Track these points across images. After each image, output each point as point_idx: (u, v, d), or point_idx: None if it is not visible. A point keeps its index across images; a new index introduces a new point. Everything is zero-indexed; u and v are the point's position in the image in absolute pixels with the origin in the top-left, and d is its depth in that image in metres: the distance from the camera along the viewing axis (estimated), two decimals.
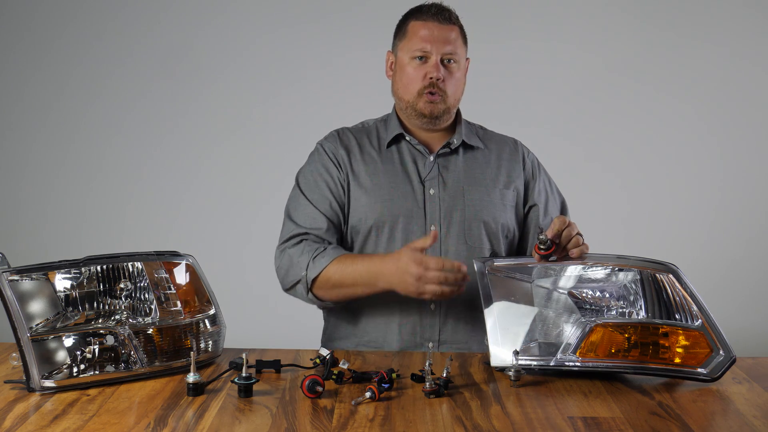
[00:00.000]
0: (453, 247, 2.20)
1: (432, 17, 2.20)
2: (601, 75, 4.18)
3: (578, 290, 1.95)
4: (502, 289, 1.95)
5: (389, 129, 2.28)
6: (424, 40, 2.19)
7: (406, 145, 2.27)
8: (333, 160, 2.25)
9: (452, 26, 2.21)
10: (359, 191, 2.22)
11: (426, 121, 2.23)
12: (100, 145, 4.21)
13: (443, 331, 2.21)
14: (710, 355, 1.86)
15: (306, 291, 2.16)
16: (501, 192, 2.26)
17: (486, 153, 2.30)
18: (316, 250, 2.14)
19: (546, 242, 1.93)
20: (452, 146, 2.26)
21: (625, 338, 1.88)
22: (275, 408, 1.71)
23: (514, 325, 1.93)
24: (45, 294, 1.83)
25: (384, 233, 2.20)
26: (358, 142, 2.28)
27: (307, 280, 2.14)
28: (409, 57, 2.20)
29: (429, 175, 2.23)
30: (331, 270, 2.12)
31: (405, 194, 2.21)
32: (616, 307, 1.92)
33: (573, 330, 1.91)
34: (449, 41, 2.19)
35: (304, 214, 2.22)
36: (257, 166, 4.18)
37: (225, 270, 3.61)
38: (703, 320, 1.86)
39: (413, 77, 2.20)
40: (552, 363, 1.90)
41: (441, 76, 2.18)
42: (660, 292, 1.89)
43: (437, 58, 2.18)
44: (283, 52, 4.18)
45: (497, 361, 1.91)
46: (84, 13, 4.17)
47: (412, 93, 2.21)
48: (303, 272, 2.14)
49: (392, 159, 2.25)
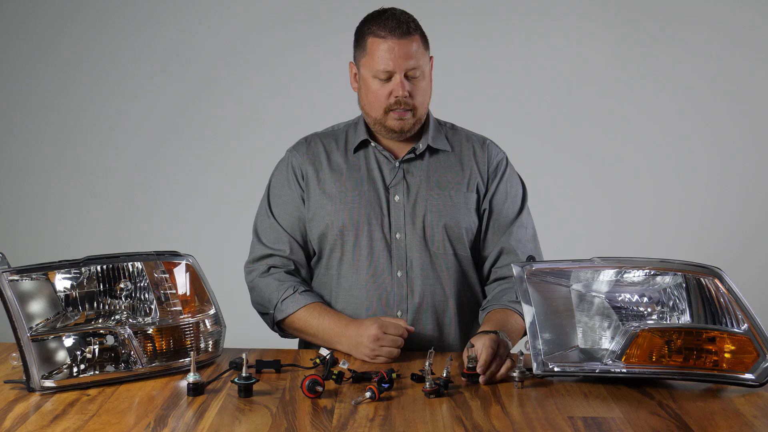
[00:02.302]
0: (417, 253, 2.18)
1: (390, 33, 2.11)
2: (600, 72, 4.17)
3: (616, 295, 1.92)
4: (540, 293, 1.92)
5: (357, 135, 2.25)
6: (385, 59, 2.11)
7: (372, 150, 2.24)
8: (298, 174, 2.25)
9: (412, 38, 2.12)
10: (324, 199, 2.21)
11: (396, 136, 2.20)
12: (100, 145, 4.21)
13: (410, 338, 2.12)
14: (757, 360, 1.83)
15: (271, 325, 2.22)
16: (465, 195, 2.22)
17: (451, 156, 2.25)
18: (285, 291, 2.16)
19: (474, 360, 1.86)
20: (417, 151, 2.22)
21: (665, 343, 1.85)
22: (275, 408, 1.71)
23: (553, 330, 1.91)
24: (45, 294, 1.83)
25: (349, 240, 2.18)
26: (326, 149, 2.26)
27: (273, 318, 2.18)
28: (371, 75, 2.16)
29: (393, 181, 2.21)
30: (298, 316, 2.14)
31: (370, 201, 2.19)
32: (656, 312, 1.90)
33: (616, 336, 1.89)
34: (411, 55, 2.11)
35: (269, 233, 2.24)
36: (257, 166, 4.16)
37: (225, 270, 3.61)
38: (749, 324, 1.82)
39: (378, 95, 2.15)
40: (597, 370, 1.87)
41: (407, 93, 2.13)
42: (704, 296, 1.85)
43: (401, 75, 2.12)
44: (283, 52, 4.17)
45: (539, 369, 1.88)
46: (84, 13, 4.17)
47: (378, 111, 2.17)
48: (271, 311, 2.18)
49: (358, 165, 2.23)
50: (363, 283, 2.18)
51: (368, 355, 2.02)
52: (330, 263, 2.22)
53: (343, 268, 2.20)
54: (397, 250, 2.18)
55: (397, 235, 2.19)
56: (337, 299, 2.20)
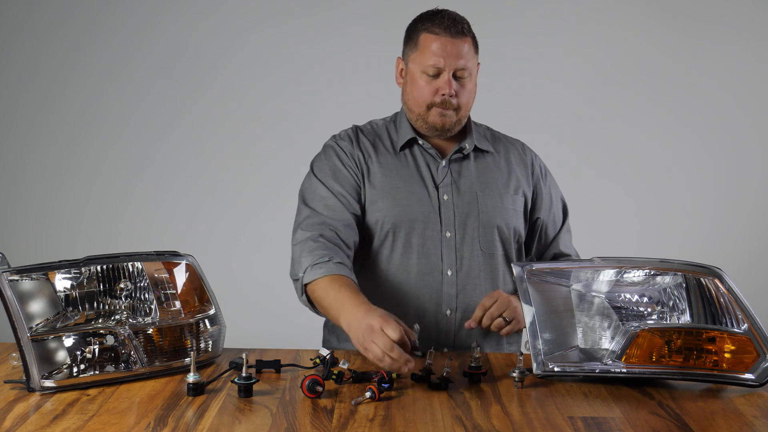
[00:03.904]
0: (468, 253, 2.19)
1: (445, 31, 2.13)
2: (609, 75, 4.17)
3: (616, 295, 1.92)
4: (540, 293, 1.92)
5: (401, 132, 2.25)
6: (437, 55, 2.12)
7: (418, 149, 2.24)
8: (350, 158, 2.22)
9: (464, 38, 2.14)
10: (375, 193, 2.20)
11: (438, 133, 2.21)
12: (100, 146, 4.21)
13: (458, 336, 2.20)
14: (757, 360, 1.83)
15: (300, 292, 2.11)
16: (512, 197, 2.25)
17: (496, 157, 2.28)
18: (320, 257, 2.06)
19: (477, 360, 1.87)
20: (465, 151, 2.24)
21: (665, 343, 1.86)
22: (275, 408, 1.71)
23: (553, 330, 1.91)
24: (45, 294, 1.83)
25: (400, 237, 2.18)
26: (373, 144, 2.25)
27: (302, 282, 2.08)
28: (420, 71, 2.16)
29: (443, 181, 2.22)
30: (319, 284, 2.03)
31: (421, 199, 2.19)
32: (656, 312, 1.90)
33: (616, 336, 1.89)
34: (462, 55, 2.13)
35: (324, 205, 2.17)
36: (257, 166, 4.18)
37: (225, 270, 3.61)
38: (749, 324, 1.83)
39: (425, 91, 2.16)
40: (597, 370, 1.87)
41: (453, 92, 2.14)
42: (704, 296, 1.85)
43: (449, 74, 2.13)
44: (283, 52, 4.17)
45: (539, 369, 1.88)
46: (83, 13, 4.17)
47: (422, 106, 2.17)
48: (301, 273, 2.09)
49: (407, 163, 2.23)
50: (413, 280, 2.17)
51: (357, 341, 1.86)
52: (379, 258, 2.19)
53: (392, 264, 2.18)
54: (447, 248, 2.19)
55: (447, 234, 2.19)
56: (384, 295, 2.16)
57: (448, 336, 2.20)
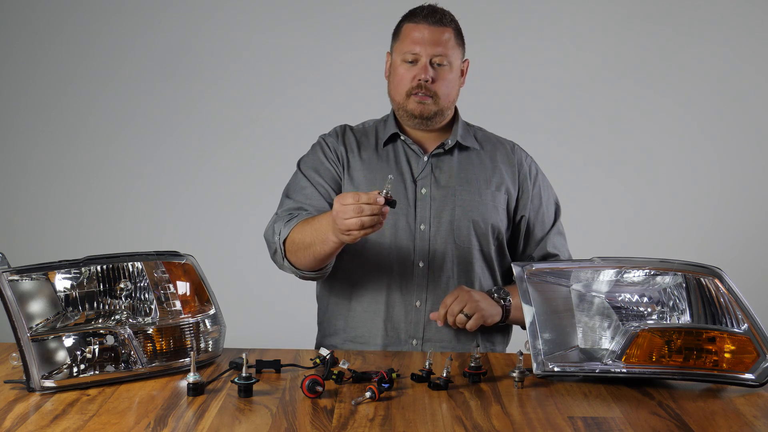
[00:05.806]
0: (441, 246, 2.22)
1: (423, 19, 2.20)
2: (609, 75, 4.17)
3: (616, 295, 1.92)
4: (540, 293, 1.92)
5: (387, 128, 2.30)
6: (414, 42, 2.19)
7: (401, 144, 2.28)
8: (333, 152, 2.28)
9: (444, 28, 2.20)
10: (353, 186, 2.24)
11: (418, 122, 2.23)
12: (99, 146, 4.21)
13: (427, 329, 2.22)
14: (757, 360, 1.83)
15: (282, 258, 2.15)
16: (493, 194, 2.26)
17: (481, 154, 2.30)
18: (291, 217, 2.15)
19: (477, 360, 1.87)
20: (446, 146, 2.27)
21: (665, 343, 1.85)
22: (275, 408, 1.71)
23: (553, 330, 1.91)
24: (45, 294, 1.82)
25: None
26: (358, 141, 2.30)
27: (279, 245, 2.14)
28: (400, 59, 2.21)
29: (421, 175, 2.25)
30: (294, 231, 2.11)
31: (396, 192, 2.22)
32: (656, 312, 1.89)
33: (616, 336, 1.89)
34: (440, 43, 2.18)
35: (302, 194, 2.24)
36: (257, 166, 4.18)
37: (225, 270, 3.61)
38: (749, 324, 1.82)
39: (403, 78, 2.21)
40: (597, 370, 1.87)
41: (429, 78, 2.18)
42: (704, 296, 1.85)
43: (426, 60, 2.18)
44: (283, 52, 4.18)
45: (539, 369, 1.88)
46: (83, 13, 4.17)
47: (401, 94, 2.22)
48: (276, 237, 2.15)
49: (387, 158, 2.27)
50: (385, 270, 2.20)
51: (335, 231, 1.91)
52: (353, 248, 2.19)
53: (366, 254, 2.21)
54: (420, 241, 2.21)
55: (422, 227, 2.21)
56: (358, 283, 2.22)
57: (417, 327, 2.22)
